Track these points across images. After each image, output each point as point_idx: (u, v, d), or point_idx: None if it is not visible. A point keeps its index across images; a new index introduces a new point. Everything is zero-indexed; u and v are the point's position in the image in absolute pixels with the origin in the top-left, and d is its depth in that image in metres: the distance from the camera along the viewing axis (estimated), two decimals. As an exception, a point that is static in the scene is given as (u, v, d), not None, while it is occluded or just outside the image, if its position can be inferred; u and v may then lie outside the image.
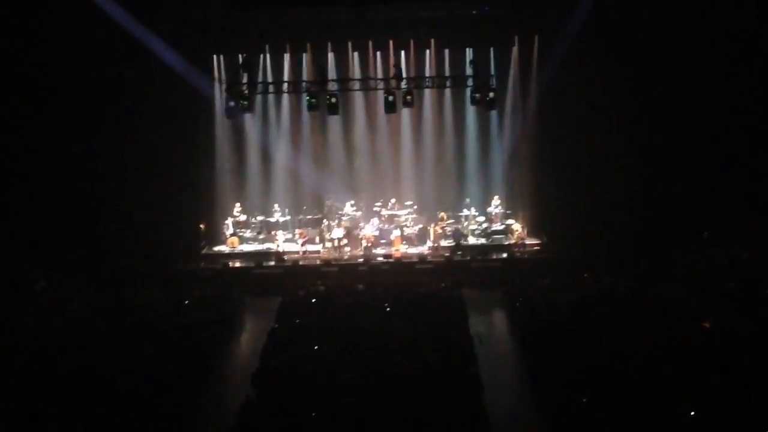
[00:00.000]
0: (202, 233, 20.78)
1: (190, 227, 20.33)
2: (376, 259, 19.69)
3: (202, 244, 20.73)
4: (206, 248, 20.80)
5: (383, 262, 19.58)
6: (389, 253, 19.93)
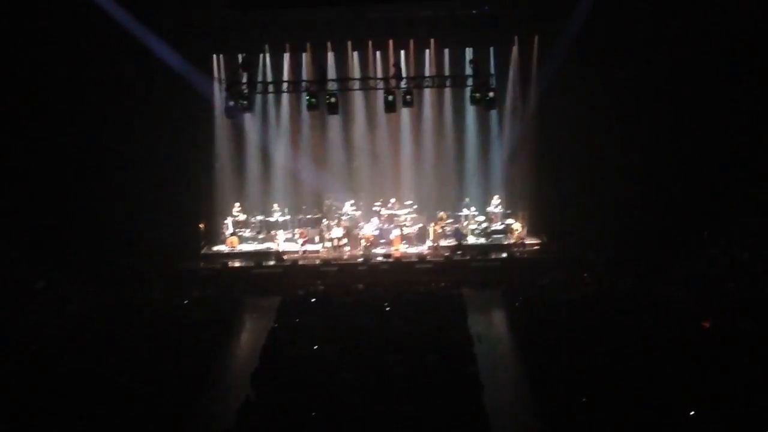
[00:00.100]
0: (201, 233, 20.75)
1: (189, 227, 20.30)
2: (375, 258, 19.69)
3: (201, 243, 20.71)
4: (206, 248, 20.77)
5: (383, 261, 19.58)
6: (389, 252, 19.92)
